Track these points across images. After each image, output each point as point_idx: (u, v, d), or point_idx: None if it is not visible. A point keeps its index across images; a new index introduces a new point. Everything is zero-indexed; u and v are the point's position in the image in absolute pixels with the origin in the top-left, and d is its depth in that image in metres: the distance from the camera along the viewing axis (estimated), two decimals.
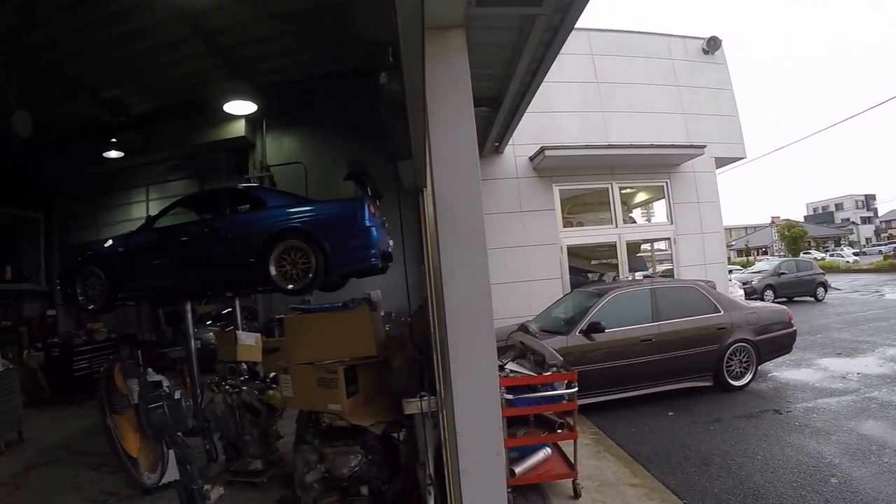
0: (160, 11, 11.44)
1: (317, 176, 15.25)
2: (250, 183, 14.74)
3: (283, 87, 15.35)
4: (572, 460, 6.83)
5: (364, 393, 6.55)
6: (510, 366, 6.91)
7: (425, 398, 5.37)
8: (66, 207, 20.50)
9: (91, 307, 9.04)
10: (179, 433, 4.16)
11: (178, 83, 15.05)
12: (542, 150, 15.41)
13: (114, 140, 16.60)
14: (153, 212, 14.48)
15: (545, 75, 9.82)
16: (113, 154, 16.87)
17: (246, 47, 13.47)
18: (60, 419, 13.42)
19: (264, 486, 7.45)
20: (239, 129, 15.90)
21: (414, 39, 2.81)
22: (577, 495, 6.67)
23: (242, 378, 8.10)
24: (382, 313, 7.18)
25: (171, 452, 4.34)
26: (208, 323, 17.49)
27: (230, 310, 16.67)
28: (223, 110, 14.70)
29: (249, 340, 8.23)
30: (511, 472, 6.48)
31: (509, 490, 5.39)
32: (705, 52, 18.33)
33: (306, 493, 6.54)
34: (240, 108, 14.52)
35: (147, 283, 8.76)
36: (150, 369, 7.72)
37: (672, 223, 17.18)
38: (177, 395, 4.10)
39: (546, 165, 15.92)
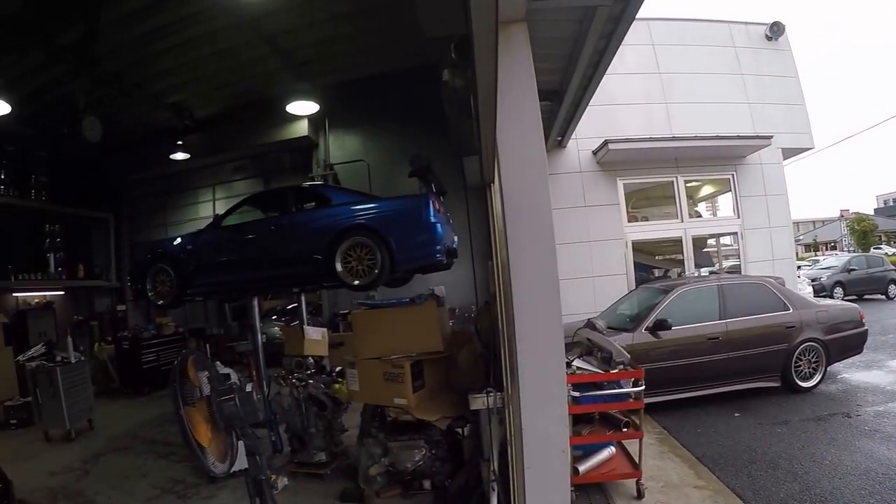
0: (220, 18, 11.60)
1: (380, 173, 15.25)
2: (314, 181, 14.88)
3: (344, 87, 15.35)
4: (637, 460, 6.67)
5: (429, 388, 6.53)
6: (577, 363, 6.81)
7: (491, 394, 5.31)
8: (135, 208, 21.03)
9: (160, 302, 9.21)
10: (250, 425, 4.18)
11: (241, 86, 15.25)
12: (606, 143, 15.13)
13: (180, 142, 16.83)
14: (220, 211, 14.76)
15: (607, 67, 9.65)
16: (179, 156, 17.10)
17: (306, 49, 13.52)
18: (129, 409, 13.83)
19: (328, 477, 7.49)
20: (302, 128, 15.96)
21: (487, 32, 2.74)
22: (640, 496, 6.52)
23: (309, 372, 8.15)
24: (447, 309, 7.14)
25: (241, 443, 4.37)
26: (273, 318, 17.67)
27: (295, 305, 16.88)
28: (286, 111, 14.70)
29: (316, 335, 8.28)
30: (575, 471, 6.39)
31: (572, 489, 5.31)
32: (768, 38, 17.57)
33: (369, 485, 6.57)
34: (302, 108, 14.52)
35: (215, 280, 8.89)
36: (218, 362, 7.82)
37: (739, 217, 16.66)
38: (248, 388, 4.14)
39: (610, 159, 15.64)
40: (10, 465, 5.31)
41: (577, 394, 6.32)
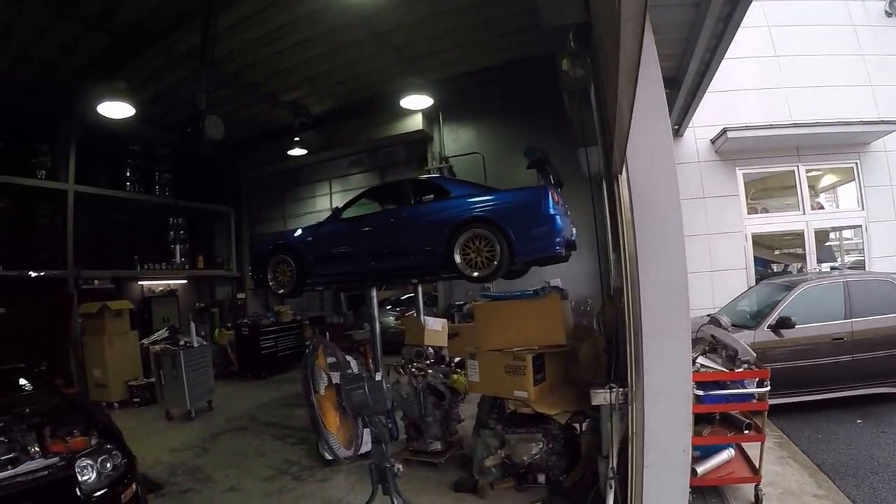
0: (332, 18, 11.79)
1: (494, 165, 15.13)
2: (430, 174, 14.90)
3: (457, 80, 15.28)
4: (756, 464, 6.34)
5: (550, 382, 6.42)
6: (701, 360, 6.52)
7: (614, 389, 5.13)
8: (254, 201, 21.84)
9: (281, 291, 9.43)
10: (377, 413, 4.17)
11: (355, 83, 15.52)
12: (724, 131, 14.39)
13: (297, 139, 17.28)
14: (337, 204, 15.00)
15: (725, 52, 9.25)
16: (296, 152, 17.56)
17: (417, 44, 13.58)
18: (246, 392, 14.25)
19: (441, 466, 7.45)
20: (416, 122, 16.06)
21: (635, 17, 2.58)
22: (758, 501, 6.15)
23: (429, 362, 8.15)
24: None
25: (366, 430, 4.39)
26: (388, 308, 17.85)
27: (409, 295, 17.00)
28: (400, 105, 14.77)
29: (436, 326, 8.28)
30: (693, 472, 6.13)
31: (689, 490, 5.08)
32: (888, 14, 16.32)
33: (484, 476, 6.50)
34: (415, 102, 14.53)
35: (334, 270, 9.03)
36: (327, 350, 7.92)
37: (863, 209, 15.62)
38: (377, 377, 4.15)
39: (728, 148, 14.88)
40: (133, 440, 5.53)
41: (700, 392, 6.05)
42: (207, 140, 10.77)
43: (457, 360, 8.42)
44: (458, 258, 7.65)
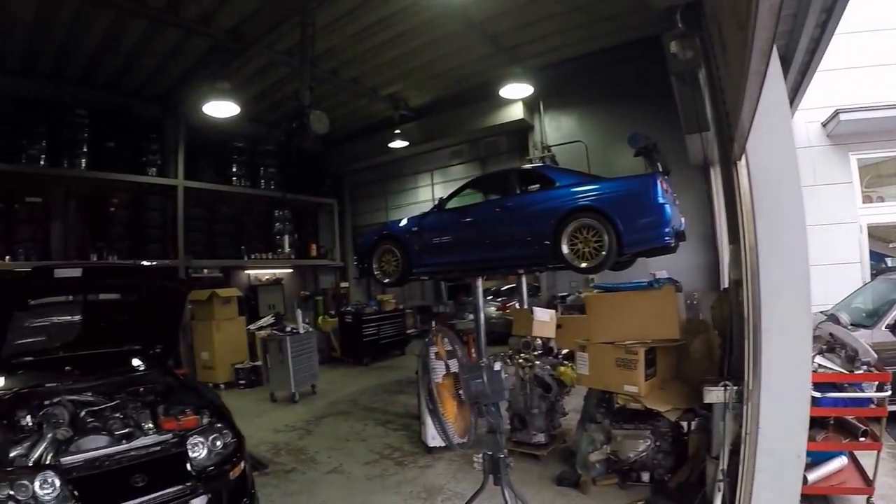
0: (429, 10, 11.71)
1: (598, 153, 14.62)
2: (533, 164, 14.69)
3: (557, 67, 14.96)
4: (870, 475, 5.90)
5: (661, 377, 6.18)
6: (818, 359, 6.16)
7: (728, 387, 4.88)
8: (356, 193, 22.19)
9: (386, 281, 9.62)
10: (494, 403, 4.14)
11: (454, 74, 15.44)
12: (837, 113, 13.31)
13: (397, 131, 17.33)
14: (438, 195, 14.95)
15: (836, 26, 8.64)
16: (397, 144, 17.59)
17: (514, 33, 13.32)
18: (349, 378, 14.43)
19: (544, 459, 7.28)
20: (516, 111, 15.79)
21: None
22: None
23: (536, 353, 7.98)
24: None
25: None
26: (489, 298, 17.77)
27: (511, 286, 16.85)
28: (500, 95, 14.64)
29: (545, 317, 8.10)
30: (803, 479, 5.78)
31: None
32: None
33: (587, 471, 6.32)
34: (515, 91, 14.29)
35: (439, 260, 9.09)
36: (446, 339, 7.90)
37: None
38: (496, 367, 4.08)
39: (841, 131, 13.77)
40: (238, 420, 5.60)
41: (817, 394, 5.70)
42: (312, 134, 10.91)
43: (564, 351, 8.21)
44: (565, 249, 7.60)
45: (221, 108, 12.23)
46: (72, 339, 6.75)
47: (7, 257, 12.07)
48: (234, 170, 17.44)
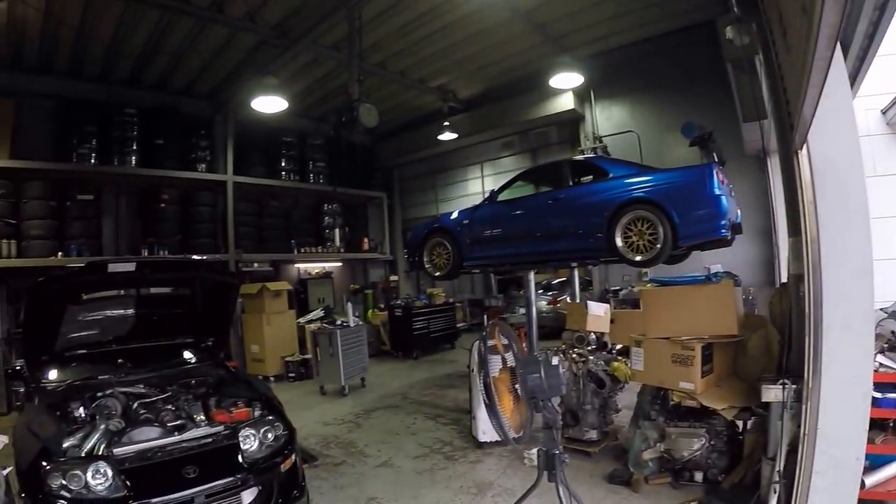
0: (474, 1, 11.57)
1: (650, 143, 14.31)
2: (585, 155, 14.52)
3: (607, 55, 14.65)
4: None
5: (717, 374, 6.06)
6: (879, 358, 5.96)
7: (786, 386, 4.75)
8: (405, 186, 22.21)
9: (437, 274, 9.59)
10: (551, 399, 4.10)
11: (502, 65, 15.28)
12: None
13: (446, 123, 17.26)
14: (488, 187, 14.82)
15: None
16: (446, 136, 17.53)
17: (563, 21, 13.06)
18: (398, 371, 14.54)
19: (595, 456, 7.19)
20: (567, 102, 15.51)
21: None
22: None
23: (590, 348, 7.90)
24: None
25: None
26: (539, 292, 17.64)
27: (562, 279, 16.73)
28: (549, 85, 14.36)
29: (599, 311, 8.00)
30: (861, 483, 5.59)
31: None
32: None
33: (640, 469, 6.23)
34: (565, 81, 14.02)
35: (491, 253, 9.03)
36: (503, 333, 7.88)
37: None
38: (554, 362, 4.02)
39: None
40: (288, 412, 5.69)
41: (878, 394, 5.51)
42: (362, 127, 10.95)
43: (618, 347, 8.11)
44: (619, 241, 7.49)
45: (269, 104, 12.33)
46: (124, 332, 6.90)
47: (59, 253, 12.31)
48: (283, 164, 17.52)
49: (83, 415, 5.24)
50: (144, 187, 14.71)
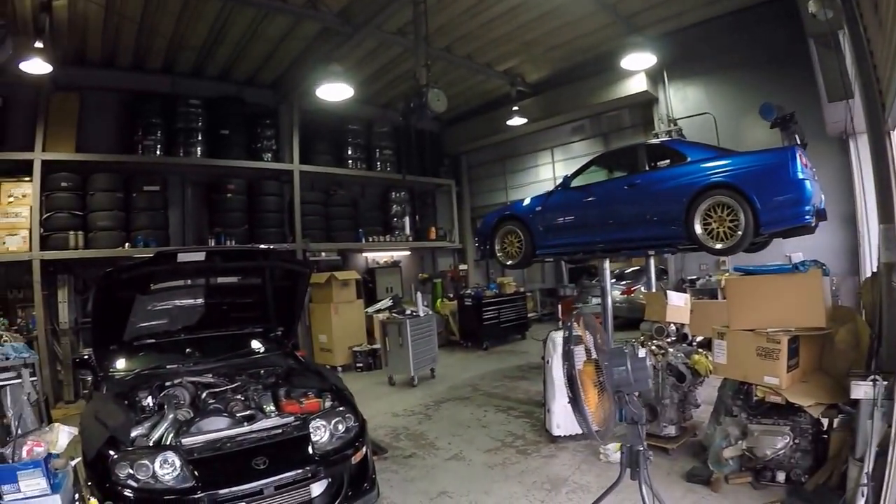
0: None
1: (727, 126, 13.85)
2: (659, 138, 14.24)
3: (680, 34, 14.31)
4: None
5: (803, 369, 5.86)
6: None
7: (877, 382, 4.55)
8: (474, 174, 22.12)
9: (509, 263, 9.65)
10: (636, 393, 4.07)
11: (571, 47, 15.08)
12: None
13: (515, 108, 17.08)
14: (559, 173, 14.63)
15: None
16: (515, 121, 17.34)
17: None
18: (468, 362, 14.53)
19: (673, 453, 7.01)
20: (639, 83, 15.18)
21: None
22: None
23: (669, 339, 7.69)
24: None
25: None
26: (612, 282, 17.44)
27: (635, 268, 16.45)
28: (620, 67, 14.06)
29: (679, 301, 7.80)
30: None
31: None
32: None
33: (720, 467, 6.08)
34: (637, 62, 13.68)
35: (565, 241, 9.04)
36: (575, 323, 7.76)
37: None
38: (641, 354, 4.00)
39: None
40: (357, 403, 5.77)
41: None
42: (431, 113, 10.92)
43: (698, 339, 7.91)
44: (698, 229, 7.41)
45: (334, 92, 12.39)
46: (193, 321, 7.03)
47: (126, 244, 12.66)
48: (350, 153, 17.64)
49: (151, 404, 5.39)
50: (210, 177, 15.01)
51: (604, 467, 6.66)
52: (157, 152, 13.75)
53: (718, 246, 7.31)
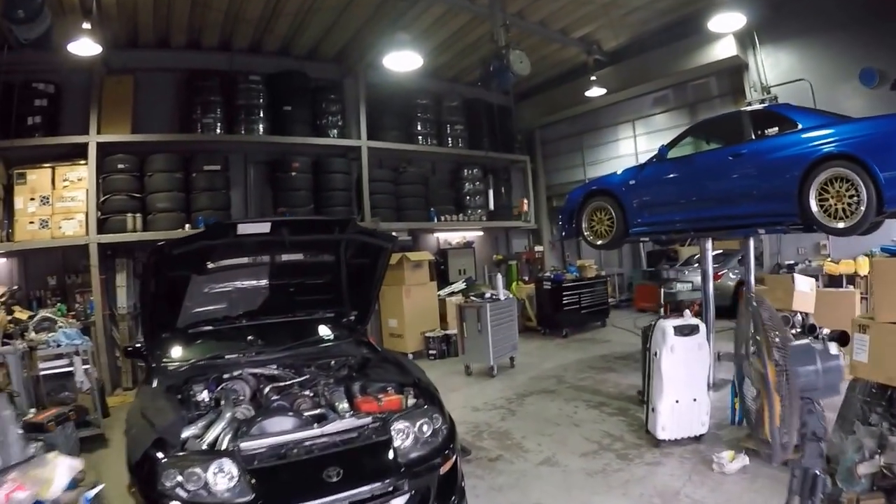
0: None
1: (823, 93, 12.84)
2: (752, 107, 13.45)
3: None
4: None
5: None
6: None
7: None
8: (549, 150, 21.47)
9: (599, 242, 9.15)
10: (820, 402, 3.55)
11: (651, 8, 14.34)
12: None
13: (593, 78, 16.35)
14: (642, 147, 13.88)
15: None
16: (594, 92, 16.58)
17: None
18: (547, 350, 13.89)
19: (792, 464, 6.28)
20: (727, 48, 14.31)
21: None
22: None
23: (796, 331, 6.89)
24: None
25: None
26: (694, 266, 16.70)
27: (720, 252, 15.66)
28: (706, 30, 13.29)
29: (805, 287, 7.09)
30: None
31: None
32: None
33: (850, 485, 5.27)
34: (725, 23, 12.69)
35: (661, 218, 8.56)
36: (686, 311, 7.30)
37: None
38: (833, 350, 3.53)
39: None
40: None
41: None
42: (514, 76, 10.37)
43: (825, 331, 7.06)
44: (814, 205, 6.74)
45: (402, 61, 11.90)
46: (256, 306, 6.40)
47: (187, 226, 12.51)
48: (419, 128, 17.22)
49: (207, 399, 4.85)
50: (273, 156, 14.84)
51: (718, 479, 5.98)
52: (217, 131, 13.57)
53: (841, 225, 6.60)
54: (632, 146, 18.25)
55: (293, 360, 5.69)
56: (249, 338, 5.95)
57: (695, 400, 6.82)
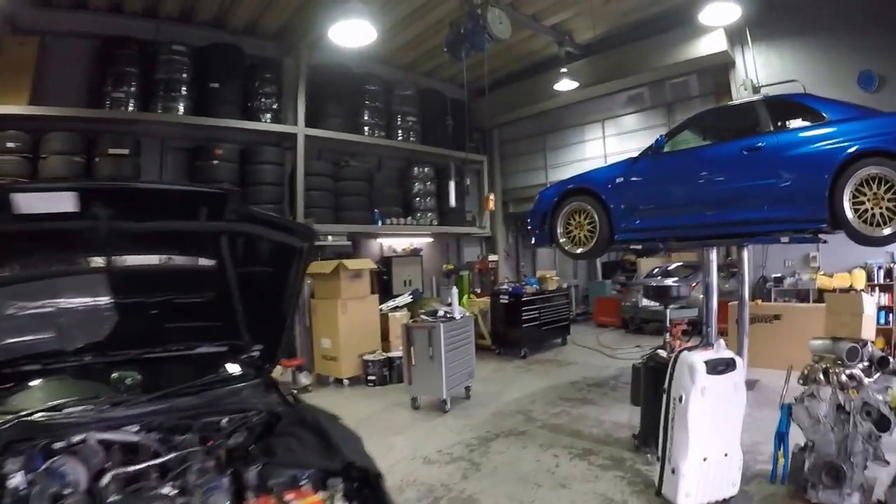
0: None
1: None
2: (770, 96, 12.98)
3: None
4: None
5: None
6: None
7: None
8: (508, 150, 20.92)
9: (578, 251, 8.49)
10: None
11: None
12: None
13: (564, 69, 15.68)
14: (612, 149, 13.38)
15: None
16: (564, 85, 15.91)
17: None
18: (506, 375, 12.71)
19: None
20: (716, 43, 13.92)
21: None
22: None
23: (863, 365, 5.54)
24: None
25: None
26: (657, 278, 16.02)
27: (679, 265, 15.12)
28: (695, 22, 12.78)
29: (872, 309, 6.03)
30: None
31: None
32: None
33: None
34: (719, 15, 12.00)
35: (657, 223, 7.88)
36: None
37: None
38: None
39: None
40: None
41: None
42: (490, 39, 9.52)
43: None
44: (848, 211, 6.22)
45: (353, 33, 10.89)
46: (102, 336, 4.20)
47: None
48: (366, 118, 16.32)
49: (22, 488, 2.80)
50: (195, 141, 13.74)
51: None
52: (130, 108, 12.35)
53: (886, 232, 6.00)
54: (600, 148, 17.81)
55: (166, 417, 3.47)
56: (114, 376, 3.93)
57: (726, 455, 5.59)
